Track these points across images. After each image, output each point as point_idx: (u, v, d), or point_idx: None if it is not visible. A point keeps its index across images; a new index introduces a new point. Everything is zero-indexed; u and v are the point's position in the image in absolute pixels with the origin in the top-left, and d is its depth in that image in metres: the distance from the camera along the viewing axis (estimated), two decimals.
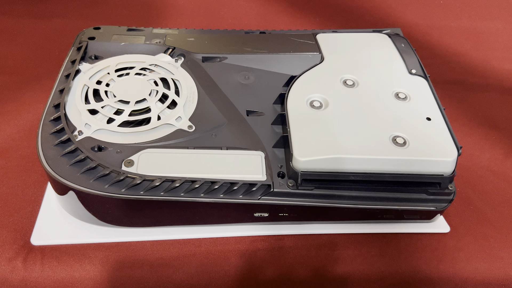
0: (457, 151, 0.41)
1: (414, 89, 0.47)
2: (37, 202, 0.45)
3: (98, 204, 0.40)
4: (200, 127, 0.43)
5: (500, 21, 0.79)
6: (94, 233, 0.42)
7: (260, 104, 0.47)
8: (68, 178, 0.37)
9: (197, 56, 0.50)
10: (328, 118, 0.43)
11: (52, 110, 0.42)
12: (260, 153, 0.42)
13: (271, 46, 0.52)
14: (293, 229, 0.44)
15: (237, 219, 0.43)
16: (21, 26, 0.70)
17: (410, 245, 0.45)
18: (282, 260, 0.43)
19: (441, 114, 0.44)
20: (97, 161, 0.38)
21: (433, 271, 0.43)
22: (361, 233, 0.45)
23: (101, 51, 0.50)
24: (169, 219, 0.42)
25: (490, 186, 0.51)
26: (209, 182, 0.39)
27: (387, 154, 0.40)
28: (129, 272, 0.41)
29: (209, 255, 0.42)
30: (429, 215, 0.44)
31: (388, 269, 0.43)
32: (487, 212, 0.48)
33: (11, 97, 0.57)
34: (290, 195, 0.40)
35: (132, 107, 0.43)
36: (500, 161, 0.54)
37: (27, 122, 0.53)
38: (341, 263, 0.43)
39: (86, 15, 0.74)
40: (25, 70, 0.62)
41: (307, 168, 0.39)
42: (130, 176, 0.38)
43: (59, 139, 0.40)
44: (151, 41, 0.52)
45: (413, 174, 0.40)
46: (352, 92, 0.46)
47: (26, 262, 0.40)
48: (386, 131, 0.42)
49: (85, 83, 0.45)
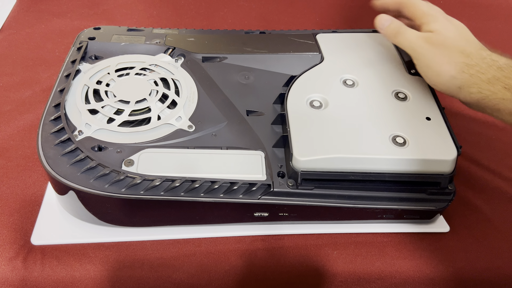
0: (457, 151, 0.41)
1: (413, 89, 0.47)
2: (37, 202, 0.45)
3: (98, 204, 0.40)
4: (200, 127, 0.43)
5: (500, 21, 0.79)
6: (94, 233, 0.42)
7: (260, 104, 0.47)
8: (68, 177, 0.38)
9: (197, 56, 0.50)
10: (328, 118, 0.43)
11: (52, 110, 0.42)
12: (260, 152, 0.42)
13: (271, 46, 0.52)
14: (293, 229, 0.44)
15: (237, 218, 0.43)
16: (21, 26, 0.70)
17: (410, 245, 0.45)
18: (282, 260, 0.43)
19: (440, 114, 0.44)
20: (97, 160, 0.38)
21: (433, 271, 0.43)
22: (361, 233, 0.45)
23: (101, 51, 0.50)
24: (169, 218, 0.42)
25: (490, 186, 0.51)
26: (209, 181, 0.39)
27: (387, 154, 0.40)
28: (129, 271, 0.41)
29: (209, 255, 0.42)
30: (429, 214, 0.44)
31: (388, 269, 0.43)
32: (487, 212, 0.48)
33: (11, 97, 0.57)
34: (290, 195, 0.40)
35: (132, 107, 0.43)
36: (500, 161, 0.54)
37: (27, 122, 0.53)
38: (341, 263, 0.43)
39: (86, 15, 0.74)
40: (25, 70, 0.62)
41: (307, 167, 0.39)
42: (130, 176, 0.38)
43: (59, 139, 0.40)
44: (151, 41, 0.52)
45: (413, 174, 0.40)
46: (352, 92, 0.46)
47: (26, 262, 0.40)
48: (386, 131, 0.42)
49: (85, 83, 0.45)
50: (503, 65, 0.38)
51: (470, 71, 0.39)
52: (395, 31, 0.45)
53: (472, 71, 0.39)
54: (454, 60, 0.40)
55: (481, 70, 0.38)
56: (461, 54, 0.40)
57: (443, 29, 0.42)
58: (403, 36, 0.44)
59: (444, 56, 0.40)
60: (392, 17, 0.46)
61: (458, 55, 0.40)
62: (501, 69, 0.38)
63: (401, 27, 0.44)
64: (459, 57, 0.40)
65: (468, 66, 0.39)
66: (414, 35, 0.43)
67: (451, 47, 0.41)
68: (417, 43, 0.42)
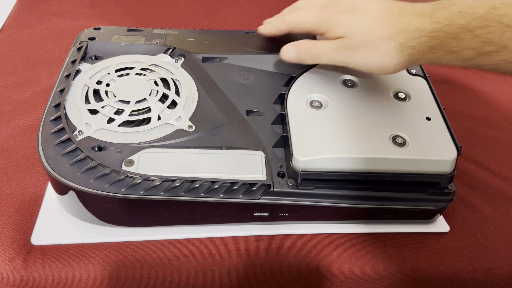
0: (457, 151, 0.41)
1: (413, 89, 0.47)
2: (37, 202, 0.45)
3: (98, 204, 0.40)
4: (200, 127, 0.43)
5: None
6: (94, 233, 0.42)
7: (260, 104, 0.47)
8: (68, 177, 0.37)
9: (197, 56, 0.50)
10: (328, 118, 0.43)
11: (52, 110, 0.42)
12: (260, 153, 0.42)
13: (271, 46, 0.52)
14: (293, 229, 0.44)
15: (237, 218, 0.43)
16: (21, 26, 0.70)
17: (410, 245, 0.45)
18: (282, 260, 0.43)
19: (440, 114, 0.44)
20: (97, 160, 0.38)
21: (433, 271, 0.43)
22: (361, 233, 0.45)
23: (101, 52, 0.50)
24: (169, 218, 0.42)
25: (490, 186, 0.51)
26: (209, 181, 0.39)
27: (386, 154, 0.40)
28: (129, 271, 0.41)
29: (209, 255, 0.42)
30: (429, 214, 0.44)
31: (388, 269, 0.43)
32: (487, 212, 0.48)
33: (11, 97, 0.57)
34: (290, 195, 0.40)
35: (132, 107, 0.43)
36: (500, 161, 0.54)
37: (27, 122, 0.53)
38: (341, 263, 0.43)
39: (86, 15, 0.74)
40: (25, 70, 0.62)
41: (307, 167, 0.39)
42: (130, 176, 0.38)
43: (59, 139, 0.40)
44: (151, 41, 0.52)
45: (413, 174, 0.40)
46: (351, 92, 0.46)
47: (26, 262, 0.40)
48: (386, 131, 0.42)
49: (86, 83, 0.45)
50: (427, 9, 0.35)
51: (408, 49, 0.36)
52: (307, 56, 0.42)
53: (410, 44, 0.35)
54: (385, 49, 0.36)
55: (413, 35, 0.35)
56: (387, 40, 0.36)
57: (347, 30, 0.38)
58: (320, 57, 0.40)
59: (374, 52, 0.37)
60: (295, 43, 0.43)
61: (384, 44, 0.36)
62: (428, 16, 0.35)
63: (311, 50, 0.41)
64: (387, 44, 0.36)
65: (401, 44, 0.36)
66: (331, 50, 0.39)
67: (371, 41, 0.37)
68: (339, 55, 0.39)
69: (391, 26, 0.36)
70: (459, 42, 0.33)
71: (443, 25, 0.34)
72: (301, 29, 0.43)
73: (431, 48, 0.35)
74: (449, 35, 0.33)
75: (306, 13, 0.42)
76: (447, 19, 0.33)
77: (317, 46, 0.41)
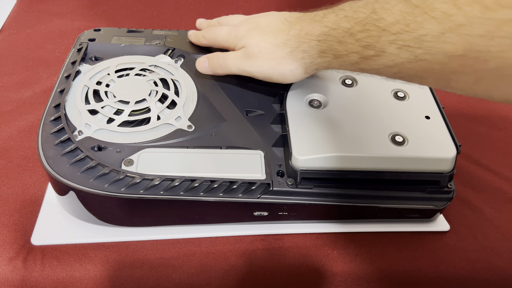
0: (456, 149, 0.41)
1: (413, 88, 0.47)
2: (37, 202, 0.45)
3: (98, 204, 0.40)
4: (199, 127, 0.43)
5: None
6: (94, 233, 0.42)
7: (259, 103, 0.47)
8: (68, 177, 0.38)
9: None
10: (327, 117, 0.43)
11: (52, 110, 0.42)
12: (259, 152, 0.42)
13: None
14: (293, 228, 0.44)
15: (236, 218, 0.43)
16: (21, 26, 0.70)
17: (410, 244, 0.45)
18: (282, 260, 0.43)
19: (440, 112, 0.44)
20: (97, 160, 0.38)
21: (433, 270, 0.43)
22: (361, 232, 0.45)
23: (101, 52, 0.50)
24: (169, 218, 0.42)
25: (490, 186, 0.51)
26: (209, 181, 0.39)
27: (386, 153, 0.40)
28: (129, 271, 0.41)
29: (209, 254, 0.42)
30: (429, 213, 0.44)
31: (388, 269, 0.43)
32: (487, 212, 0.48)
33: (11, 97, 0.57)
34: (289, 194, 0.40)
35: (132, 107, 0.43)
36: (500, 160, 0.54)
37: (27, 123, 0.54)
38: (341, 263, 0.43)
39: (86, 16, 0.74)
40: (25, 70, 0.62)
41: (306, 166, 0.39)
42: (129, 175, 0.38)
43: (59, 139, 0.40)
44: (151, 42, 0.52)
45: (412, 172, 0.40)
46: (351, 91, 0.46)
47: (26, 262, 0.40)
48: (385, 130, 0.42)
49: (85, 83, 0.45)
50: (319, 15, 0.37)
51: (300, 53, 0.37)
52: (217, 66, 0.44)
53: (302, 48, 0.37)
54: (279, 56, 0.39)
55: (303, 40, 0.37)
56: (280, 46, 0.38)
57: (247, 41, 0.41)
58: (228, 67, 0.43)
59: (269, 60, 0.39)
60: (207, 55, 0.45)
61: (278, 50, 0.38)
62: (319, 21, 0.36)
63: (219, 60, 0.43)
64: (281, 51, 0.38)
65: (293, 49, 0.38)
66: (236, 60, 0.42)
67: (266, 49, 0.39)
68: (243, 64, 0.41)
69: (285, 33, 0.38)
70: (344, 46, 0.34)
71: (330, 29, 0.35)
72: (217, 45, 0.47)
73: (321, 52, 0.36)
74: (335, 38, 0.34)
75: (221, 30, 0.46)
76: (334, 23, 0.35)
77: (225, 56, 0.43)
